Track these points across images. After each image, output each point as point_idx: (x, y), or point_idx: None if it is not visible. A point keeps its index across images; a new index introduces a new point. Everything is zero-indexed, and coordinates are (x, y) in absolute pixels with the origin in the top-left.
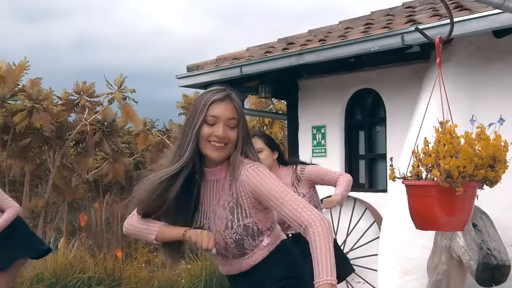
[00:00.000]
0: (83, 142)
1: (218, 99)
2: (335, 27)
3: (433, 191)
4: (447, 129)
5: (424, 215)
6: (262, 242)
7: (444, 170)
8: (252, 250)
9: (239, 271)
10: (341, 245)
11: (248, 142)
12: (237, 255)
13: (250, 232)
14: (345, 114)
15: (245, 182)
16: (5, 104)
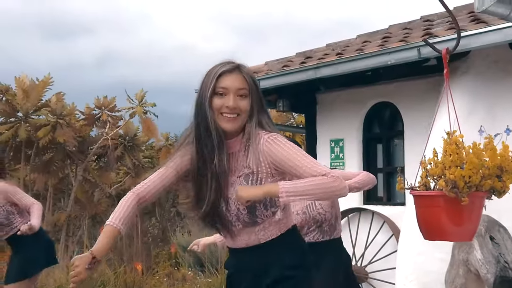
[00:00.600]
0: (105, 156)
1: (226, 71)
2: (353, 41)
3: (441, 201)
4: (452, 139)
5: (431, 225)
6: (275, 215)
7: (449, 180)
8: (263, 222)
9: (246, 245)
10: (359, 259)
11: (263, 113)
12: (248, 224)
13: (262, 199)
14: (363, 128)
15: (265, 152)
16: (28, 119)
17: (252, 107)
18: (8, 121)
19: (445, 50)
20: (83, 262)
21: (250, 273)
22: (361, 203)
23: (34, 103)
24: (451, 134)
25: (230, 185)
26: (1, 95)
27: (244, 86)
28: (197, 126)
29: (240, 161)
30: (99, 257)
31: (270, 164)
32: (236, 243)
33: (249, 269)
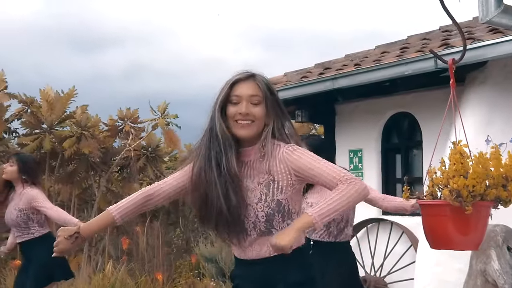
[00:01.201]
0: (128, 167)
1: (240, 79)
2: (371, 52)
3: (446, 210)
4: (457, 149)
5: (438, 234)
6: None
7: (453, 190)
8: (278, 232)
9: (256, 256)
10: (378, 269)
11: (282, 121)
12: (263, 233)
13: (281, 209)
14: (382, 138)
15: (285, 161)
16: (53, 131)
17: (268, 115)
18: (33, 133)
19: (451, 60)
20: (65, 233)
21: (256, 286)
22: (380, 213)
23: (59, 115)
24: (456, 144)
25: (250, 191)
26: (26, 107)
27: (256, 93)
28: (206, 131)
29: (258, 168)
30: (83, 234)
31: (291, 173)
32: (247, 254)
33: (256, 281)
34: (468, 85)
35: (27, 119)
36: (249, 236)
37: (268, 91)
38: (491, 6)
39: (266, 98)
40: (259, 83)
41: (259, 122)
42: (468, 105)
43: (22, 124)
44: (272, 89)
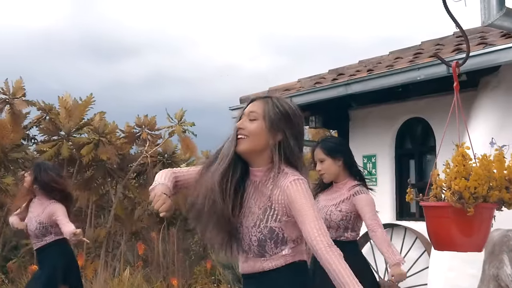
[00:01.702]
0: (144, 173)
1: (254, 99)
2: (385, 57)
3: (449, 212)
4: (459, 151)
5: (441, 236)
6: (283, 251)
7: (455, 191)
8: (271, 256)
9: (252, 271)
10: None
11: (292, 148)
12: (256, 255)
13: (274, 236)
14: (395, 144)
15: (285, 192)
16: (70, 137)
17: (269, 134)
18: (51, 139)
19: (455, 63)
20: (165, 190)
21: None
22: (393, 219)
23: (76, 122)
24: (460, 146)
25: (251, 214)
26: (45, 114)
27: (255, 109)
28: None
29: (262, 192)
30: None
31: (287, 206)
32: (244, 269)
33: None
34: (481, 90)
35: (45, 126)
36: (246, 253)
37: (273, 112)
38: (493, 10)
39: (266, 116)
40: (266, 102)
41: (254, 138)
42: (481, 109)
43: (40, 131)
44: (283, 112)
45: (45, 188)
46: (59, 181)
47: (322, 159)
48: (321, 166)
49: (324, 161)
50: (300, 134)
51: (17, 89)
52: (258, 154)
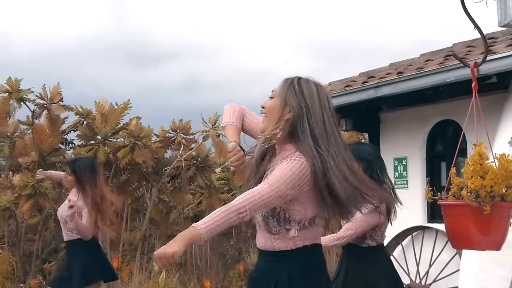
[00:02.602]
0: (178, 177)
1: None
2: (416, 60)
3: (466, 210)
4: (476, 150)
5: (459, 234)
6: (289, 232)
7: (472, 190)
8: (278, 233)
9: (263, 247)
10: (423, 277)
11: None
12: (264, 230)
13: (275, 214)
14: (426, 146)
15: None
16: (107, 142)
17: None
18: (88, 144)
19: (473, 64)
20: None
21: (261, 277)
22: (425, 221)
23: (112, 126)
24: (478, 146)
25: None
26: (82, 119)
27: (275, 88)
28: None
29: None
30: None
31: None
32: (258, 242)
33: (261, 272)
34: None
35: (82, 130)
36: (259, 224)
37: (287, 88)
38: (509, 10)
39: (280, 93)
40: (286, 80)
41: (270, 115)
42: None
43: (77, 136)
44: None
45: (87, 180)
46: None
47: None
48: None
49: None
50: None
51: (54, 94)
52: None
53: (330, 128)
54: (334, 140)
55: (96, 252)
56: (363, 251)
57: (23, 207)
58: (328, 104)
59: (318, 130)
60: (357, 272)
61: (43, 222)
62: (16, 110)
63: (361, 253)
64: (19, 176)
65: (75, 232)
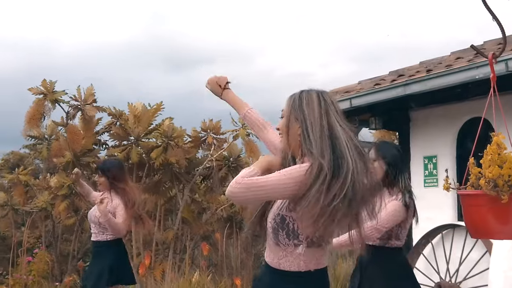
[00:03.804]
0: (210, 177)
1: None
2: (446, 58)
3: (484, 200)
4: (494, 140)
5: (477, 224)
6: (296, 249)
7: (489, 179)
8: (286, 250)
9: (270, 262)
10: (453, 275)
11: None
12: (273, 244)
13: (285, 226)
14: (457, 144)
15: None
16: (139, 142)
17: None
18: (121, 144)
19: (491, 55)
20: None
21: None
22: (455, 220)
23: (145, 127)
24: (496, 135)
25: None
26: (116, 120)
27: (283, 107)
28: None
29: None
30: (224, 95)
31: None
32: (266, 256)
33: (262, 284)
34: None
35: (115, 131)
36: (268, 239)
37: (292, 104)
38: None
39: (290, 112)
40: (290, 97)
41: (284, 134)
42: None
43: (111, 136)
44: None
45: (119, 180)
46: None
47: (374, 159)
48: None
49: (376, 161)
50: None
51: (88, 95)
52: (292, 147)
53: (332, 133)
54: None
55: (120, 256)
56: (387, 252)
57: (59, 207)
58: (333, 108)
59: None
60: (381, 276)
61: (79, 223)
62: (51, 112)
63: (385, 254)
64: (56, 177)
65: (106, 233)
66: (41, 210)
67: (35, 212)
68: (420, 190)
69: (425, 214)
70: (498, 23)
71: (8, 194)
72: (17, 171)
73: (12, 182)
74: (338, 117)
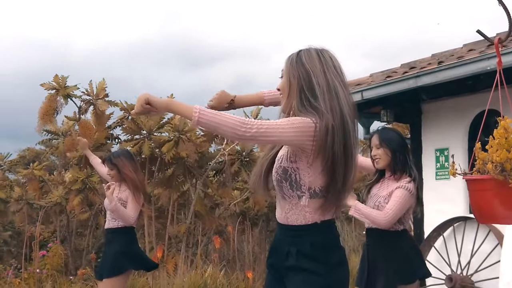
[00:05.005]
0: (222, 171)
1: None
2: (458, 50)
3: (491, 184)
4: (501, 124)
5: (484, 209)
6: (300, 200)
7: (497, 163)
8: (290, 202)
9: (280, 219)
10: (464, 267)
11: (310, 89)
12: (280, 197)
13: (288, 177)
14: (469, 136)
15: None
16: (152, 136)
17: (291, 85)
18: (134, 138)
19: (497, 39)
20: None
21: (277, 251)
22: (466, 212)
23: (157, 121)
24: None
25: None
26: (127, 114)
27: (283, 67)
28: None
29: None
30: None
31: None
32: (276, 213)
33: (277, 246)
34: None
35: (127, 125)
36: (277, 195)
37: (290, 62)
38: None
39: (288, 70)
40: (289, 57)
41: (284, 94)
42: None
43: (123, 130)
44: (297, 60)
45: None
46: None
47: (377, 146)
48: (377, 151)
49: (379, 148)
50: (318, 77)
51: (99, 90)
52: (292, 105)
53: (336, 86)
54: (345, 98)
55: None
56: (391, 234)
57: (73, 201)
58: (333, 64)
59: (327, 89)
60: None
61: (93, 218)
62: (63, 107)
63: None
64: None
65: (118, 220)
66: (56, 205)
67: (50, 207)
68: (432, 182)
69: (436, 206)
70: (503, 6)
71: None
72: (32, 166)
73: (27, 177)
74: (337, 73)
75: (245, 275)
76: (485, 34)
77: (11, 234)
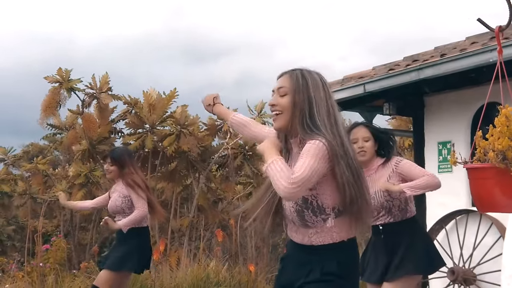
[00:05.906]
0: (225, 165)
1: (281, 74)
2: (461, 43)
3: (493, 173)
4: (502, 113)
5: (484, 197)
6: (326, 223)
7: (498, 151)
8: (315, 227)
9: (301, 242)
10: (466, 260)
11: (312, 115)
12: (302, 225)
13: (309, 205)
14: (471, 129)
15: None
16: (154, 130)
17: (295, 106)
18: (137, 132)
19: (498, 28)
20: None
21: (294, 268)
22: (469, 205)
23: (160, 115)
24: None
25: None
26: (131, 108)
27: (283, 85)
28: None
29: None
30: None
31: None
32: (293, 237)
33: (294, 263)
34: None
35: (130, 119)
36: (293, 224)
37: (300, 86)
38: None
39: (295, 89)
40: (289, 76)
41: (287, 113)
42: None
43: (126, 125)
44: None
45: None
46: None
47: (367, 138)
48: (364, 144)
49: (369, 140)
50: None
51: (103, 83)
52: (292, 126)
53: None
54: (341, 125)
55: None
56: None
57: (76, 195)
58: (330, 92)
59: (327, 117)
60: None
61: (96, 212)
62: (66, 100)
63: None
64: (73, 166)
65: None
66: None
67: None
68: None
69: (439, 199)
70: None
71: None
72: (36, 161)
73: (31, 171)
74: (333, 100)
75: (248, 269)
76: (485, 23)
77: (14, 228)
